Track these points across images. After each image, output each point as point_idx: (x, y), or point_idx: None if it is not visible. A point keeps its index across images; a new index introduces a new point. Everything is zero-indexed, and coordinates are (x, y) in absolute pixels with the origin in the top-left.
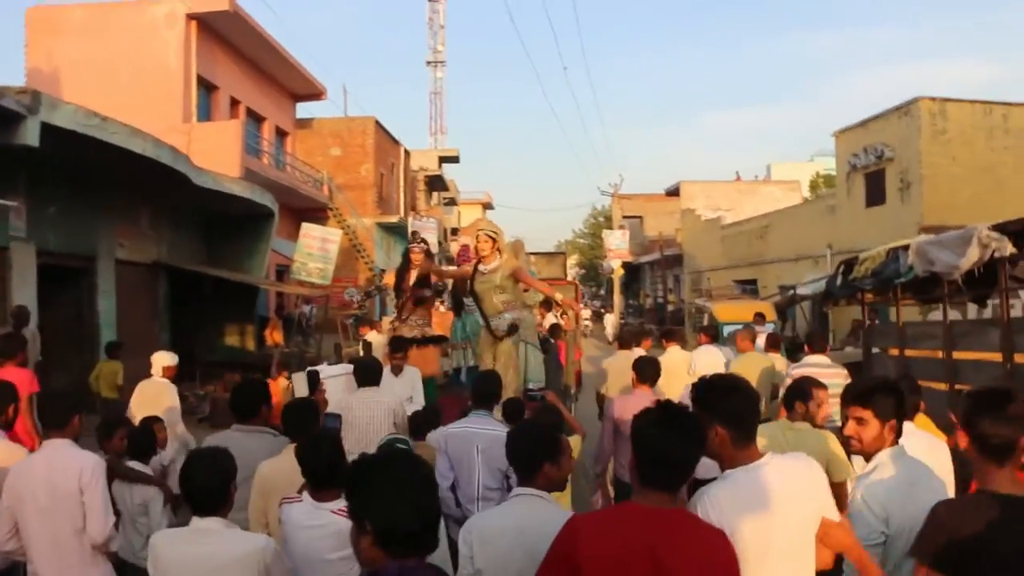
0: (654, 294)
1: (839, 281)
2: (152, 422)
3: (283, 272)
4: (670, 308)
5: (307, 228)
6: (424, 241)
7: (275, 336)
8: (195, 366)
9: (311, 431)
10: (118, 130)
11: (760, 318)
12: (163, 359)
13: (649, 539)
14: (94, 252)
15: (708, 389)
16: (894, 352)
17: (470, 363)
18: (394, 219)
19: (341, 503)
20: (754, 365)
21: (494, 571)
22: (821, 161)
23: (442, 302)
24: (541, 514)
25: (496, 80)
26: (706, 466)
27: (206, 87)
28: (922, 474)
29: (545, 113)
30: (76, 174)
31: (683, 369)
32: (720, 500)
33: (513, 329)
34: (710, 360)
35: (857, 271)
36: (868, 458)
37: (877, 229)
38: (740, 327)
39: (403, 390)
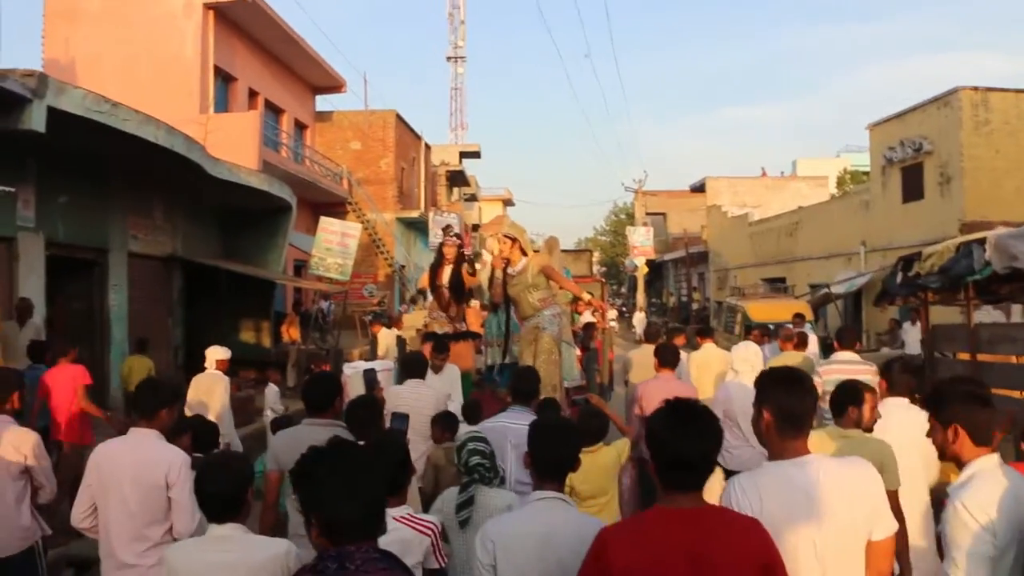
0: (678, 292)
1: (899, 279)
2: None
3: (301, 267)
4: (695, 306)
5: (326, 222)
6: (458, 236)
7: (292, 333)
8: None
9: (375, 429)
10: (129, 117)
11: (799, 319)
12: (217, 352)
13: (682, 541)
14: (105, 244)
15: (766, 377)
16: (964, 356)
17: (505, 360)
18: (415, 214)
19: (405, 510)
20: (790, 361)
21: None
22: (847, 157)
23: (481, 305)
24: (567, 520)
25: (517, 76)
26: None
27: (224, 78)
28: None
29: (567, 109)
30: (87, 163)
31: (718, 365)
32: (753, 489)
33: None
34: (748, 355)
35: (921, 267)
36: (959, 465)
37: (915, 225)
38: (774, 327)
39: (443, 387)
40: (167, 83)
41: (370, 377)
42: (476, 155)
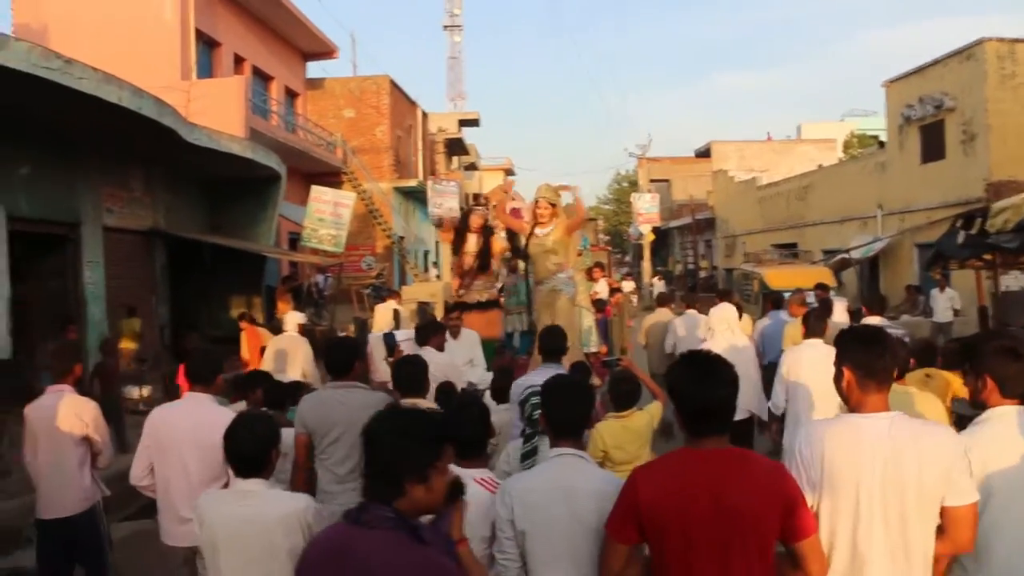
0: (684, 260)
1: (960, 238)
2: (298, 385)
3: (296, 240)
4: (702, 274)
5: (317, 191)
6: (486, 206)
7: (283, 308)
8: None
9: (424, 388)
10: (86, 75)
11: (822, 290)
12: (296, 317)
13: (707, 480)
14: (77, 218)
15: (844, 336)
16: None
17: (523, 328)
18: (412, 183)
19: (485, 472)
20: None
21: (539, 533)
22: (852, 121)
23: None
24: (584, 476)
25: (516, 43)
26: None
27: (207, 43)
28: None
29: (568, 77)
30: (50, 131)
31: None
32: (819, 438)
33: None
34: (725, 315)
35: (992, 224)
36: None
37: (935, 186)
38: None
39: (463, 352)
40: (146, 49)
41: (390, 342)
42: (475, 123)
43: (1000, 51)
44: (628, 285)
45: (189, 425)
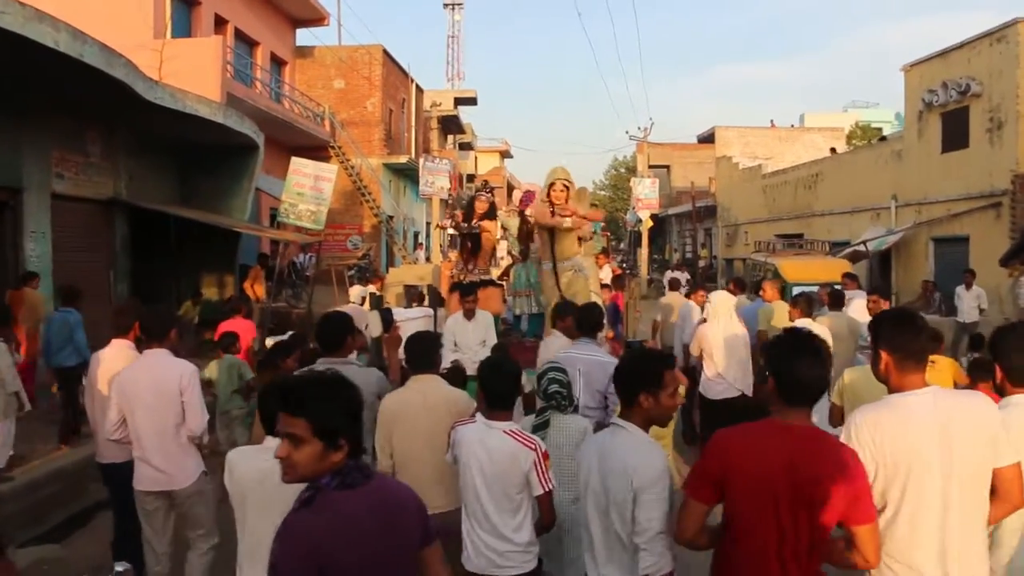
0: (682, 248)
1: None
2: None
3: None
4: (701, 263)
5: (297, 163)
6: (491, 191)
7: (256, 289)
8: None
9: (435, 362)
10: (9, 10)
11: (851, 279)
12: (359, 290)
13: (785, 451)
14: (19, 183)
15: (880, 320)
16: None
17: (532, 310)
18: (403, 160)
19: (511, 425)
20: (780, 313)
21: (583, 498)
22: (854, 112)
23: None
24: (616, 444)
25: (517, 26)
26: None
27: (185, 1)
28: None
29: (569, 60)
30: None
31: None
32: (873, 423)
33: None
34: (725, 301)
35: None
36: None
37: (956, 177)
38: (815, 288)
39: (477, 333)
40: (115, 4)
41: (387, 317)
42: (472, 101)
43: None
44: (684, 276)
45: (150, 379)
